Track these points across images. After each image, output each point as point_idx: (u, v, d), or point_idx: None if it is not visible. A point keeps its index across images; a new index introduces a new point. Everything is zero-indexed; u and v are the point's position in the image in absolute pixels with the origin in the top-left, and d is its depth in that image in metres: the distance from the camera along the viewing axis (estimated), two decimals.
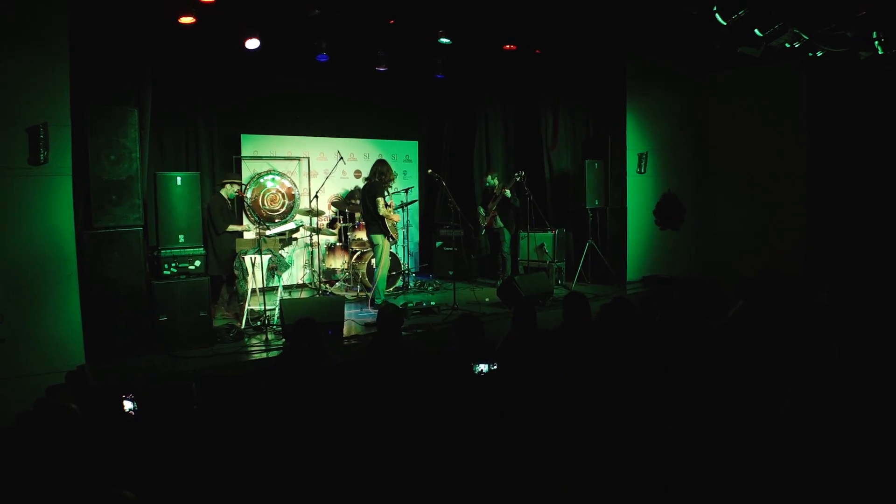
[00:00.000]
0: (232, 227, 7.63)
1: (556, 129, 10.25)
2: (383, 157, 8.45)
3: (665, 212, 10.25)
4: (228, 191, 7.73)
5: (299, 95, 9.90)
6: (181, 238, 6.43)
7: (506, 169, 10.45)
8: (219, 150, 9.36)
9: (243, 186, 9.19)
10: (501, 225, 9.47)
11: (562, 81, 10.07)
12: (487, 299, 8.43)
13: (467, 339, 4.54)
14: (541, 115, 10.19)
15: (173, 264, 6.33)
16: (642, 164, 9.97)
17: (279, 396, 3.32)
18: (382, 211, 7.83)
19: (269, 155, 9.84)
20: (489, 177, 9.54)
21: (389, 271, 8.50)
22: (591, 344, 4.39)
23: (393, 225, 7.96)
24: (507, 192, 9.11)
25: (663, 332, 4.25)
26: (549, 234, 9.46)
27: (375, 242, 7.97)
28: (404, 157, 11.26)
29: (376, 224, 7.95)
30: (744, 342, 4.34)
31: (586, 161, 9.60)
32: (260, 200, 9.71)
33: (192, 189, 6.50)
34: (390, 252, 8.64)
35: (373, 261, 8.45)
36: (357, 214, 9.62)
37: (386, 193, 7.95)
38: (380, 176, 7.97)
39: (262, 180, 9.72)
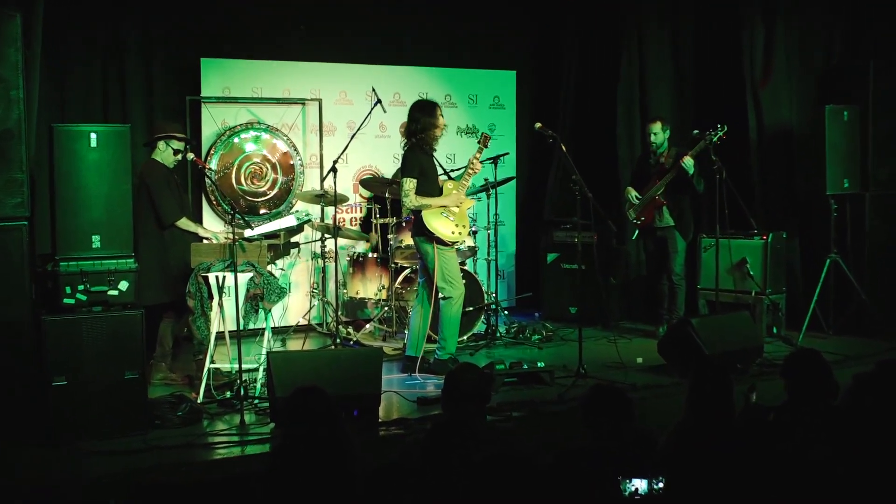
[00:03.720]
0: (185, 224, 7.73)
1: (771, 53, 10.03)
2: (428, 100, 8.42)
3: None
4: (167, 155, 7.85)
5: None
6: (96, 241, 6.50)
7: (678, 121, 10.30)
8: (162, 86, 9.56)
9: (206, 154, 9.32)
10: (671, 223, 9.31)
11: None
12: (640, 359, 8.29)
13: (606, 431, 4.44)
14: (743, 29, 10.06)
15: (81, 286, 6.37)
16: None
17: None
18: (412, 201, 7.88)
19: (249, 95, 9.99)
20: (655, 128, 9.39)
21: (464, 304, 8.43)
22: (838, 446, 4.32)
23: (457, 217, 7.92)
24: (688, 163, 8.94)
25: None
26: (757, 241, 9.30)
27: (423, 251, 7.98)
28: (490, 102, 11.24)
29: (417, 222, 8.02)
30: None
31: (826, 108, 9.36)
32: (234, 176, 9.85)
33: (117, 154, 6.57)
34: (462, 268, 8.59)
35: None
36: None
37: (425, 165, 8.00)
38: (413, 132, 8.03)
39: (236, 140, 9.87)
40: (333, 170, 8.55)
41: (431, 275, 7.95)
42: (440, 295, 7.97)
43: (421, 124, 7.95)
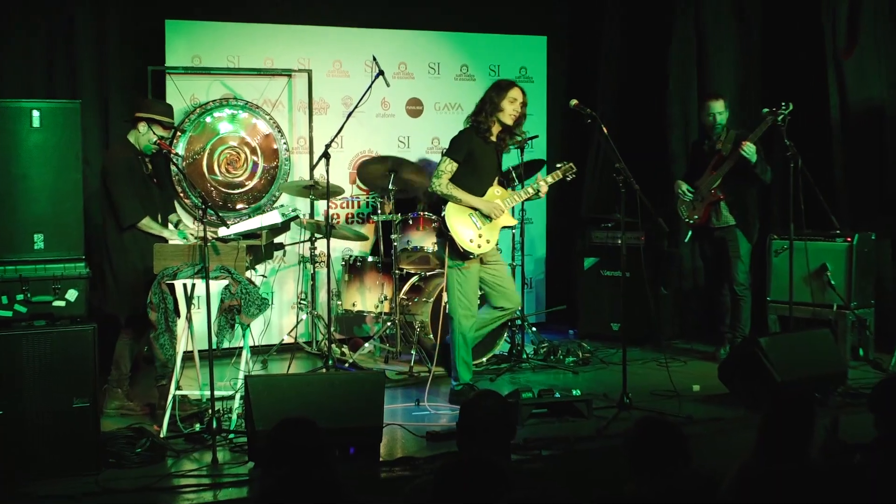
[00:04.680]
0: (147, 225, 7.72)
1: (857, 16, 10.01)
2: (507, 79, 8.43)
3: None
4: (144, 140, 7.83)
5: None
6: (39, 241, 6.51)
7: (741, 99, 10.27)
8: (118, 54, 9.55)
9: (171, 137, 9.32)
10: (731, 221, 9.30)
11: None
12: (697, 387, 8.30)
13: (656, 475, 4.43)
14: None
15: (20, 296, 6.36)
16: None
17: None
18: (442, 184, 7.87)
19: (224, 65, 10.01)
20: (717, 106, 9.35)
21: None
22: None
23: (487, 227, 7.90)
24: (749, 150, 8.89)
25: None
26: (840, 243, 9.29)
27: (450, 269, 8.00)
28: (516, 74, 11.21)
29: (441, 225, 8.04)
30: None
31: None
32: (205, 163, 9.86)
33: (65, 136, 6.57)
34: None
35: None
36: (420, 197, 9.74)
37: (476, 152, 7.98)
38: (475, 111, 8.04)
39: (208, 120, 9.89)
40: (326, 156, 8.55)
41: (449, 287, 8.02)
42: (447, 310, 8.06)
43: (484, 102, 7.96)
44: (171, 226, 8.11)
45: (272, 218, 7.92)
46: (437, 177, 7.94)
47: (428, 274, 9.35)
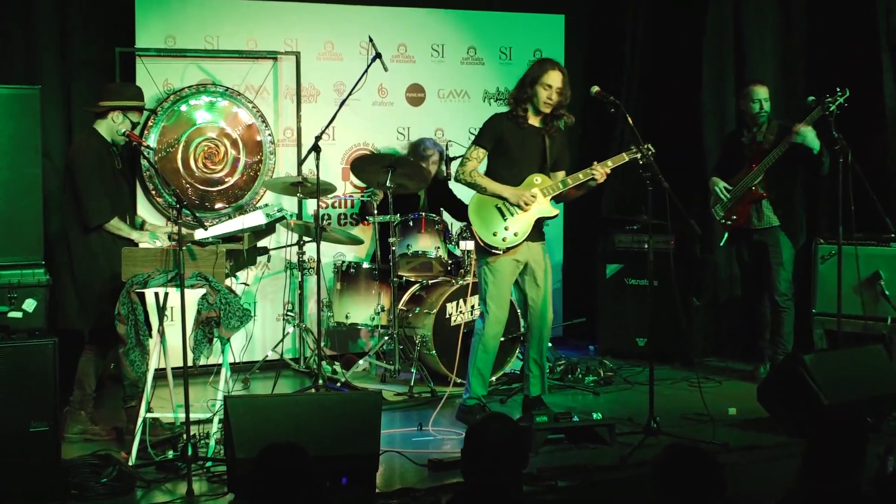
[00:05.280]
0: (116, 226, 7.72)
1: None
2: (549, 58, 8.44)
3: None
4: (118, 127, 7.82)
5: None
6: None
7: (783, 87, 10.29)
8: (83, 35, 9.54)
9: (143, 127, 9.31)
10: (773, 223, 9.30)
11: None
12: (734, 410, 8.30)
13: None
14: None
15: None
16: None
17: None
18: (467, 172, 7.89)
19: (201, 47, 10.02)
20: (761, 92, 9.33)
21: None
22: None
23: (515, 219, 7.88)
24: (808, 134, 8.84)
25: None
26: (895, 248, 9.32)
27: (479, 266, 8.06)
28: (529, 57, 11.14)
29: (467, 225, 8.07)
30: None
31: None
32: (180, 156, 9.86)
33: (22, 126, 6.61)
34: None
35: (454, 309, 8.42)
36: (422, 195, 9.80)
37: (508, 138, 8.01)
38: (511, 94, 8.09)
39: (184, 108, 9.89)
40: (316, 149, 8.56)
41: (483, 290, 8.05)
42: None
43: (521, 85, 8.01)
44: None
45: (255, 219, 7.92)
46: (461, 164, 8.00)
47: (430, 282, 9.38)
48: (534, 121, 8.00)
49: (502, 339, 8.90)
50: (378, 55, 9.20)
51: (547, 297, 8.12)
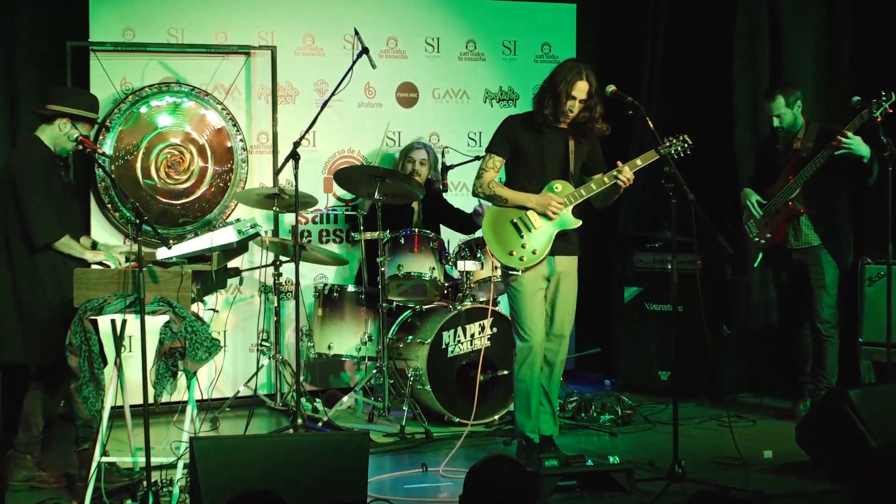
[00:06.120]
0: (67, 244, 7.71)
1: None
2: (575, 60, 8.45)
3: None
4: (63, 139, 7.81)
5: None
6: None
7: (826, 90, 10.35)
8: (30, 27, 9.54)
9: (97, 131, 9.31)
10: (814, 241, 9.31)
11: None
12: (769, 453, 8.30)
13: None
14: None
15: None
16: None
17: None
18: (483, 184, 7.93)
19: (164, 41, 10.05)
20: (776, 106, 9.36)
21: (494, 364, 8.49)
22: None
23: (533, 234, 7.89)
24: (855, 142, 8.82)
25: None
26: None
27: (508, 283, 8.08)
28: (536, 52, 11.33)
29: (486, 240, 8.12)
30: None
31: None
32: (139, 165, 9.85)
33: None
34: (494, 308, 8.71)
35: (451, 338, 8.44)
36: (416, 207, 9.83)
37: (524, 144, 8.03)
38: (535, 97, 8.11)
39: (144, 110, 9.90)
40: (294, 156, 8.58)
41: (517, 307, 8.06)
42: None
43: (545, 84, 8.02)
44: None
45: (225, 236, 7.92)
46: (478, 177, 8.05)
47: (424, 308, 9.40)
48: (555, 123, 8.01)
49: (504, 372, 8.96)
50: (365, 50, 9.21)
51: (570, 318, 8.19)
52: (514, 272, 7.95)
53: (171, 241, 7.85)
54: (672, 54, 11.45)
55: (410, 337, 9.30)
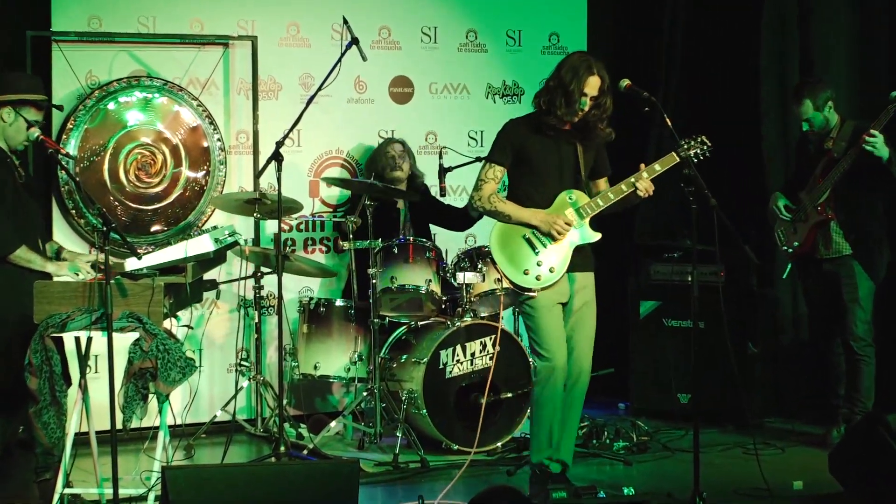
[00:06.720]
0: (25, 256, 7.72)
1: None
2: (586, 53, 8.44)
3: None
4: (13, 131, 7.80)
5: None
6: None
7: (861, 84, 10.40)
8: None
9: (60, 130, 9.30)
10: (846, 250, 9.33)
11: None
12: (799, 483, 8.30)
13: None
14: None
15: None
16: None
17: None
18: (482, 198, 7.88)
19: (133, 30, 10.04)
20: (804, 110, 9.36)
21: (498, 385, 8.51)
22: None
23: (548, 250, 7.87)
24: (877, 142, 8.85)
25: None
26: None
27: (522, 304, 7.99)
28: (544, 43, 11.36)
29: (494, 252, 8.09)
30: None
31: None
32: (107, 167, 9.87)
33: None
34: (499, 326, 8.74)
35: (450, 357, 8.46)
36: (402, 206, 9.83)
37: (530, 149, 7.99)
38: (538, 94, 8.06)
39: (112, 106, 9.91)
40: (277, 157, 8.59)
41: (536, 329, 8.02)
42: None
43: (552, 83, 7.96)
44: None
45: (201, 245, 7.93)
46: (476, 188, 7.95)
47: (420, 324, 9.41)
48: (562, 125, 7.96)
49: (509, 394, 8.96)
50: (355, 40, 9.23)
51: (591, 340, 8.14)
52: (531, 293, 7.92)
53: (141, 251, 7.85)
54: (692, 44, 11.48)
55: (405, 356, 9.30)
